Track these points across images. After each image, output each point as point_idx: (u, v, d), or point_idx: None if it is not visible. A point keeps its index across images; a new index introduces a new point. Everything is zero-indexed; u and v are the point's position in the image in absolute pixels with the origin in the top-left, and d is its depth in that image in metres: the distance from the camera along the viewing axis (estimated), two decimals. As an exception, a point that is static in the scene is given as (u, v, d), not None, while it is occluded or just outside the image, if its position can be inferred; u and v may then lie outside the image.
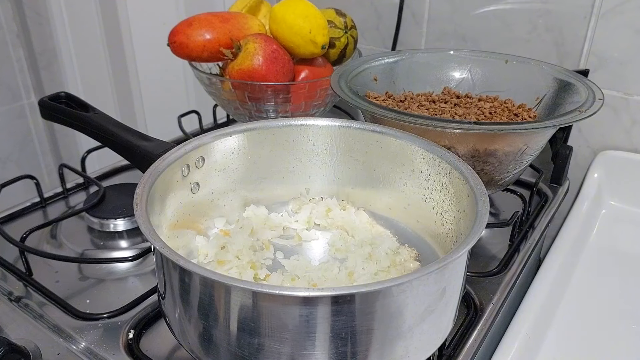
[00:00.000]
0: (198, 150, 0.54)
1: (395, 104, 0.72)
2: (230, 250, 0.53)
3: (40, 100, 0.68)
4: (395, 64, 0.77)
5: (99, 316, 0.53)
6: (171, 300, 0.42)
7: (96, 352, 0.49)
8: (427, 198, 0.56)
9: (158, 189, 0.48)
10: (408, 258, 0.54)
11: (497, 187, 0.66)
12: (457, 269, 0.43)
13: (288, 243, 0.57)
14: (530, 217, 0.70)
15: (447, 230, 0.53)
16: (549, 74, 0.72)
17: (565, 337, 0.58)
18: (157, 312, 0.53)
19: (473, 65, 0.77)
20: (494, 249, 0.65)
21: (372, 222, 0.60)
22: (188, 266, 0.37)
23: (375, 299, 0.37)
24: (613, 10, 0.77)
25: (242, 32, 0.76)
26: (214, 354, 0.41)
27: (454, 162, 0.52)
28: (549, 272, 0.63)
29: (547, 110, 0.69)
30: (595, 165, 0.82)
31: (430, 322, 0.41)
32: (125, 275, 0.60)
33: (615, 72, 0.80)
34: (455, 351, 0.50)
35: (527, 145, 0.61)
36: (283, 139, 0.59)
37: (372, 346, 0.39)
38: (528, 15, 0.84)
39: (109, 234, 0.66)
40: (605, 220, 0.78)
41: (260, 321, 0.37)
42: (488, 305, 0.55)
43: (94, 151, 0.77)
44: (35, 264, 0.59)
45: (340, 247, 0.56)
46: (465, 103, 0.72)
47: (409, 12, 0.94)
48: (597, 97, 0.63)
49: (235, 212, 0.59)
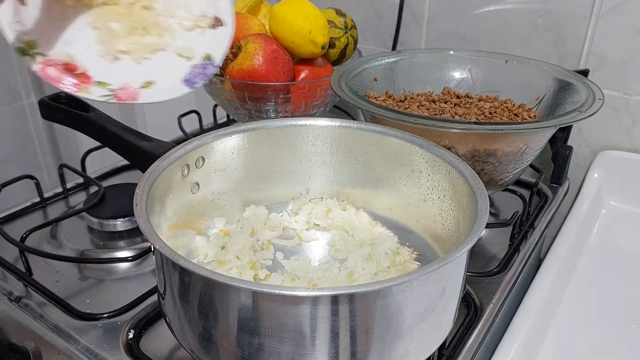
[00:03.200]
0: (198, 150, 0.54)
1: (395, 104, 0.72)
2: (230, 251, 0.53)
3: (40, 100, 0.68)
4: (395, 64, 0.77)
5: (99, 316, 0.53)
6: (171, 300, 0.42)
7: (96, 352, 0.49)
8: (427, 198, 0.56)
9: (158, 189, 0.48)
10: (408, 258, 0.54)
11: (497, 187, 0.66)
12: (457, 269, 0.43)
13: (288, 243, 0.57)
14: (530, 217, 0.70)
15: (447, 230, 0.53)
16: (549, 74, 0.72)
17: (565, 337, 0.58)
18: (157, 312, 0.53)
19: (473, 65, 0.78)
20: (494, 249, 0.65)
21: (372, 222, 0.60)
22: (188, 266, 0.37)
23: (375, 299, 0.37)
24: (613, 10, 0.77)
25: (242, 32, 0.76)
26: (214, 354, 0.41)
27: (454, 162, 0.52)
28: (549, 272, 0.63)
29: (547, 110, 0.69)
30: (595, 165, 0.82)
31: (430, 322, 0.41)
32: (125, 275, 0.60)
33: (615, 72, 0.80)
34: (455, 351, 0.50)
35: (527, 145, 0.61)
36: (283, 139, 0.59)
37: (372, 346, 0.39)
38: (528, 15, 0.84)
39: (109, 234, 0.66)
40: (605, 220, 0.78)
41: (260, 321, 0.37)
42: (488, 305, 0.55)
43: (94, 151, 0.77)
44: (35, 264, 0.59)
45: (340, 247, 0.56)
46: (465, 103, 0.72)
47: (409, 12, 0.94)
48: (597, 97, 0.63)
49: (235, 212, 0.59)
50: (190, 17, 0.49)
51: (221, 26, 0.50)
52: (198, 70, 0.49)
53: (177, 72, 0.48)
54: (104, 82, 0.45)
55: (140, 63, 0.47)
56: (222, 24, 0.50)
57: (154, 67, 0.48)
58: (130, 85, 0.46)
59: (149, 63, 0.48)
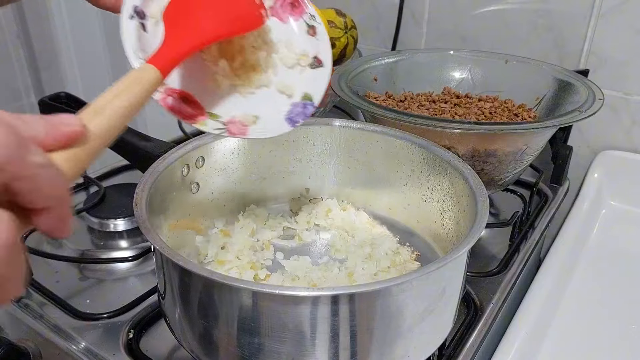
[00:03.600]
0: (198, 150, 0.54)
1: (395, 104, 0.72)
2: (230, 251, 0.53)
3: (40, 100, 0.68)
4: (395, 64, 0.77)
5: (99, 316, 0.53)
6: (171, 300, 0.42)
7: (96, 352, 0.49)
8: (427, 198, 0.56)
9: (158, 189, 0.48)
10: (408, 258, 0.54)
11: (497, 187, 0.66)
12: (457, 269, 0.43)
13: (288, 243, 0.57)
14: (530, 217, 0.70)
15: (447, 230, 0.53)
16: (549, 74, 0.72)
17: (565, 337, 0.57)
18: (157, 312, 0.53)
19: (473, 65, 0.78)
20: (494, 249, 0.65)
21: (372, 223, 0.60)
22: (188, 266, 0.37)
23: (375, 299, 0.37)
24: (613, 10, 0.77)
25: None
26: (214, 354, 0.41)
27: (454, 162, 0.52)
28: (549, 272, 0.63)
29: (547, 110, 0.69)
30: (595, 165, 0.82)
31: (430, 322, 0.41)
32: (125, 275, 0.59)
33: (615, 72, 0.80)
34: (455, 351, 0.50)
35: (527, 145, 0.61)
36: (283, 139, 0.59)
37: (372, 346, 0.39)
38: (528, 15, 0.84)
39: (109, 234, 0.66)
40: (605, 220, 0.78)
41: (260, 321, 0.37)
42: (488, 305, 0.55)
43: (94, 151, 0.77)
44: (36, 264, 0.59)
45: (340, 247, 0.56)
46: (465, 103, 0.72)
47: (409, 12, 0.93)
48: (597, 97, 0.63)
49: (235, 212, 0.59)
50: (292, 55, 0.50)
51: (320, 67, 0.50)
52: (298, 110, 0.49)
53: (279, 109, 0.48)
54: (215, 114, 0.46)
55: (246, 97, 0.48)
56: (321, 64, 0.50)
57: (257, 101, 0.48)
58: (237, 119, 0.46)
59: (253, 97, 0.48)
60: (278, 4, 0.50)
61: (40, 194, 0.24)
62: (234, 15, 0.44)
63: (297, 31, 0.51)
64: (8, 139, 0.22)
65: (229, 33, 0.43)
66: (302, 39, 0.51)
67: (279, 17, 0.51)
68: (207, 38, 0.41)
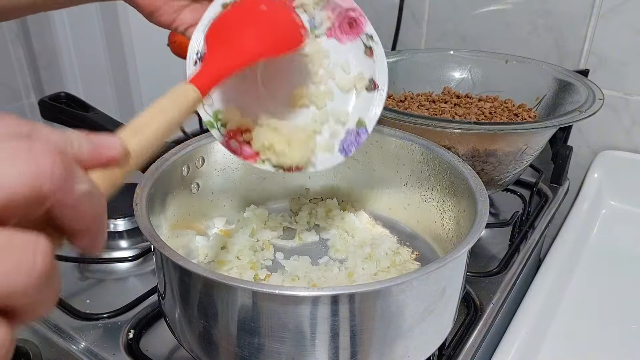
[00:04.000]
0: (198, 150, 0.54)
1: (395, 104, 0.72)
2: (230, 251, 0.53)
3: (40, 100, 0.68)
4: (395, 64, 0.77)
5: (99, 316, 0.53)
6: (171, 300, 0.42)
7: (96, 352, 0.49)
8: (427, 198, 0.56)
9: (158, 189, 0.48)
10: (408, 258, 0.54)
11: (497, 187, 0.66)
12: (457, 269, 0.43)
13: (288, 243, 0.57)
14: (530, 217, 0.70)
15: (447, 230, 0.53)
16: (549, 74, 0.72)
17: (565, 337, 0.58)
18: (157, 312, 0.53)
19: (473, 65, 0.78)
20: (494, 249, 0.65)
21: (372, 223, 0.60)
22: (188, 266, 0.37)
23: (375, 299, 0.37)
24: (613, 10, 0.77)
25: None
26: (214, 354, 0.41)
27: (454, 162, 0.52)
28: (549, 272, 0.63)
29: (547, 110, 0.69)
30: (595, 165, 0.82)
31: (430, 322, 0.41)
32: (125, 275, 0.59)
33: (615, 72, 0.80)
34: (455, 351, 0.50)
35: (527, 145, 0.61)
36: (283, 139, 0.59)
37: (372, 346, 0.39)
38: (528, 15, 0.84)
39: (109, 234, 0.66)
40: (605, 220, 0.78)
41: (260, 321, 0.37)
42: (488, 305, 0.55)
43: (94, 151, 0.77)
44: (35, 264, 0.59)
45: (340, 247, 0.56)
46: (465, 103, 0.72)
47: (409, 12, 0.93)
48: (597, 97, 0.63)
49: (235, 212, 0.59)
50: (349, 77, 0.48)
51: (376, 90, 0.48)
52: (352, 138, 0.47)
53: (333, 137, 0.48)
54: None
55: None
56: (377, 87, 0.48)
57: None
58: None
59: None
60: (336, 24, 0.48)
61: (82, 219, 0.24)
62: (274, 34, 0.43)
63: (354, 52, 0.48)
64: (58, 169, 0.21)
65: (270, 52, 0.42)
66: (359, 60, 0.48)
67: (337, 38, 0.48)
68: (248, 58, 0.40)
